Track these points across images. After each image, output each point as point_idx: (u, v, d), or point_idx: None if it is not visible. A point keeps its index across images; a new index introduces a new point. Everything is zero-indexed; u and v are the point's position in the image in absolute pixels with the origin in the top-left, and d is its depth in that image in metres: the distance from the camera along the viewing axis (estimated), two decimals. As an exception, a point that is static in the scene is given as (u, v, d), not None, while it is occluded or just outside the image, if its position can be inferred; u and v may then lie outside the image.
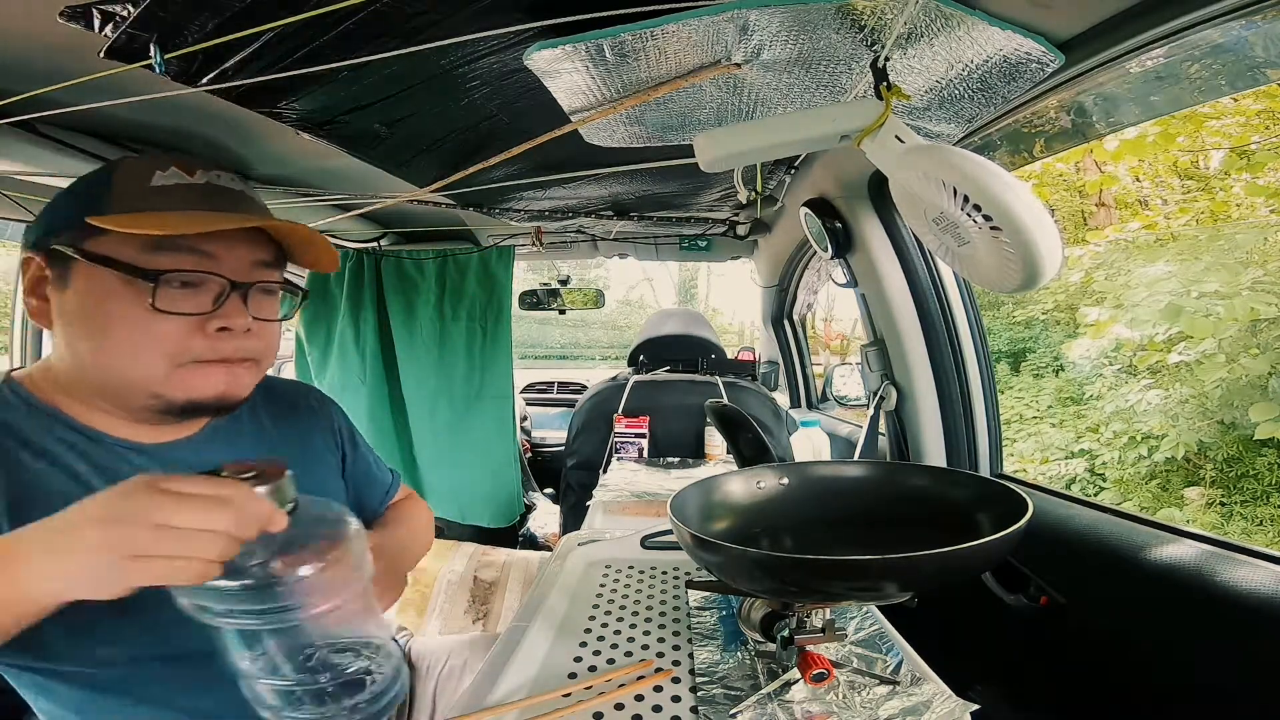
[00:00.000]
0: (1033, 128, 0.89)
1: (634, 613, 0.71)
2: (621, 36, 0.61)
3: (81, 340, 0.55)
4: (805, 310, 2.45)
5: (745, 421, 0.92)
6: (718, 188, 1.48)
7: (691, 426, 1.66)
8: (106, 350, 0.54)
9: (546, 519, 2.38)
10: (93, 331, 0.54)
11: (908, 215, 0.64)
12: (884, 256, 1.20)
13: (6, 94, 0.77)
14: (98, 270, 0.53)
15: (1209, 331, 3.52)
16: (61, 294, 0.55)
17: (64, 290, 0.55)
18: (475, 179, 1.11)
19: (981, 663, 0.98)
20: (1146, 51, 0.61)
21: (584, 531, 1.03)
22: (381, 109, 0.86)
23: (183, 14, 0.58)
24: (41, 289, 0.57)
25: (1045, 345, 5.81)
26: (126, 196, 0.55)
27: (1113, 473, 4.50)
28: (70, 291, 0.55)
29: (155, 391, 0.56)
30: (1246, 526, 3.87)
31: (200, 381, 0.57)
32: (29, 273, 0.57)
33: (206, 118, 0.98)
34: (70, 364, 0.57)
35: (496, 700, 0.55)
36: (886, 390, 1.27)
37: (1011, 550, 0.48)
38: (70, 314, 0.55)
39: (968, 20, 0.58)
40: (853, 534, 0.67)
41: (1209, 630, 0.64)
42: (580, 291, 2.70)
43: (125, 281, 0.53)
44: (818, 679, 0.52)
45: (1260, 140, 3.68)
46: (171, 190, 0.56)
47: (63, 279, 0.55)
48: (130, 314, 0.53)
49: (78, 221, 0.53)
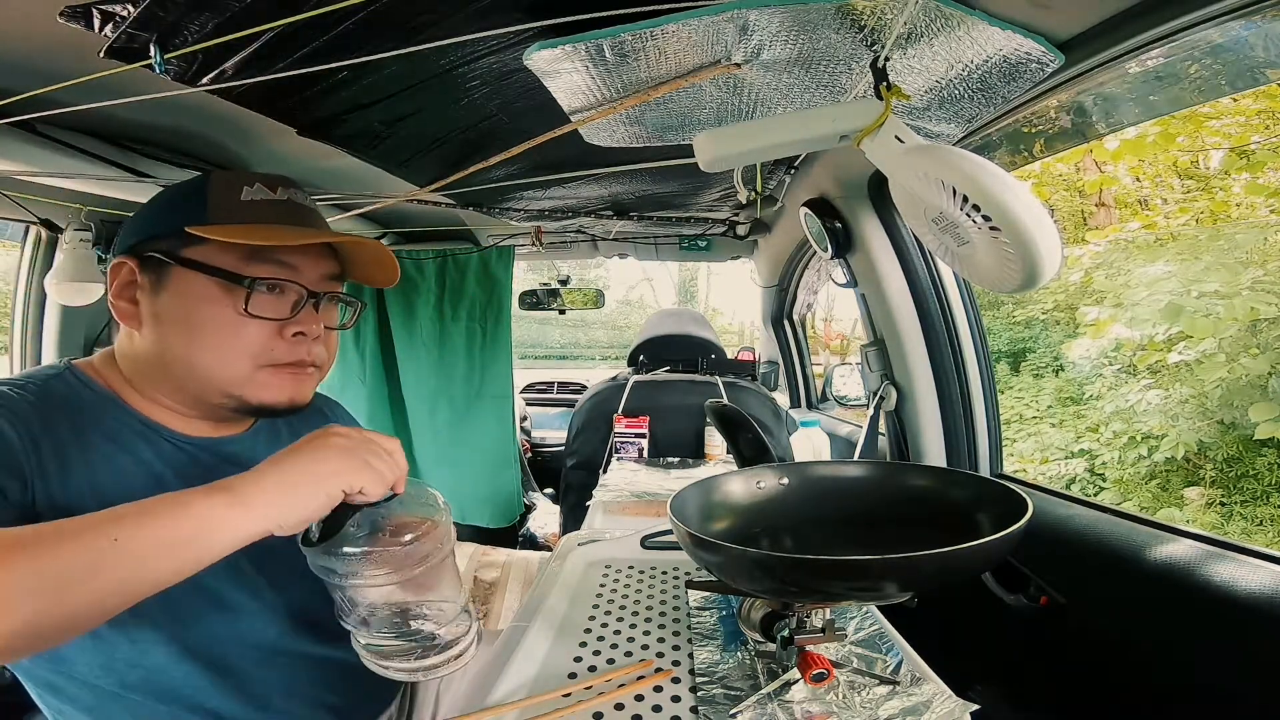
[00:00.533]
0: (1033, 128, 0.89)
1: (634, 613, 0.71)
2: (621, 36, 0.61)
3: (176, 339, 0.59)
4: (805, 310, 2.45)
5: (745, 421, 0.92)
6: (718, 188, 1.48)
7: (691, 426, 1.66)
8: (198, 349, 0.59)
9: (546, 519, 2.38)
10: (189, 332, 0.58)
11: (907, 215, 0.64)
12: (884, 256, 1.20)
13: (6, 94, 0.77)
14: (196, 276, 0.58)
15: (1209, 331, 3.52)
16: (155, 297, 0.59)
17: (159, 294, 0.59)
18: (475, 179, 1.11)
19: (981, 663, 0.98)
20: (1146, 51, 0.61)
21: (584, 531, 1.03)
22: (381, 109, 0.86)
23: (183, 14, 0.58)
24: (130, 292, 0.60)
25: (1045, 345, 5.81)
26: (222, 209, 0.60)
27: (1113, 473, 4.50)
28: (166, 295, 0.59)
29: (233, 391, 0.61)
30: (1246, 526, 3.87)
31: (276, 384, 0.62)
32: (119, 277, 0.60)
33: (206, 118, 0.98)
34: (152, 361, 0.60)
35: (496, 700, 0.55)
36: (886, 390, 1.27)
37: (1011, 550, 0.48)
38: (166, 315, 0.59)
39: (968, 20, 0.57)
40: (853, 534, 0.67)
41: (1209, 630, 0.64)
42: (580, 291, 2.70)
43: (223, 287, 0.58)
44: (818, 679, 0.52)
45: (1260, 140, 3.68)
46: (260, 205, 0.61)
47: (158, 283, 0.59)
48: (223, 316, 0.58)
49: (176, 230, 0.57)
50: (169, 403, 0.62)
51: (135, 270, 0.60)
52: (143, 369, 0.61)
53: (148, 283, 0.59)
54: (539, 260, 2.88)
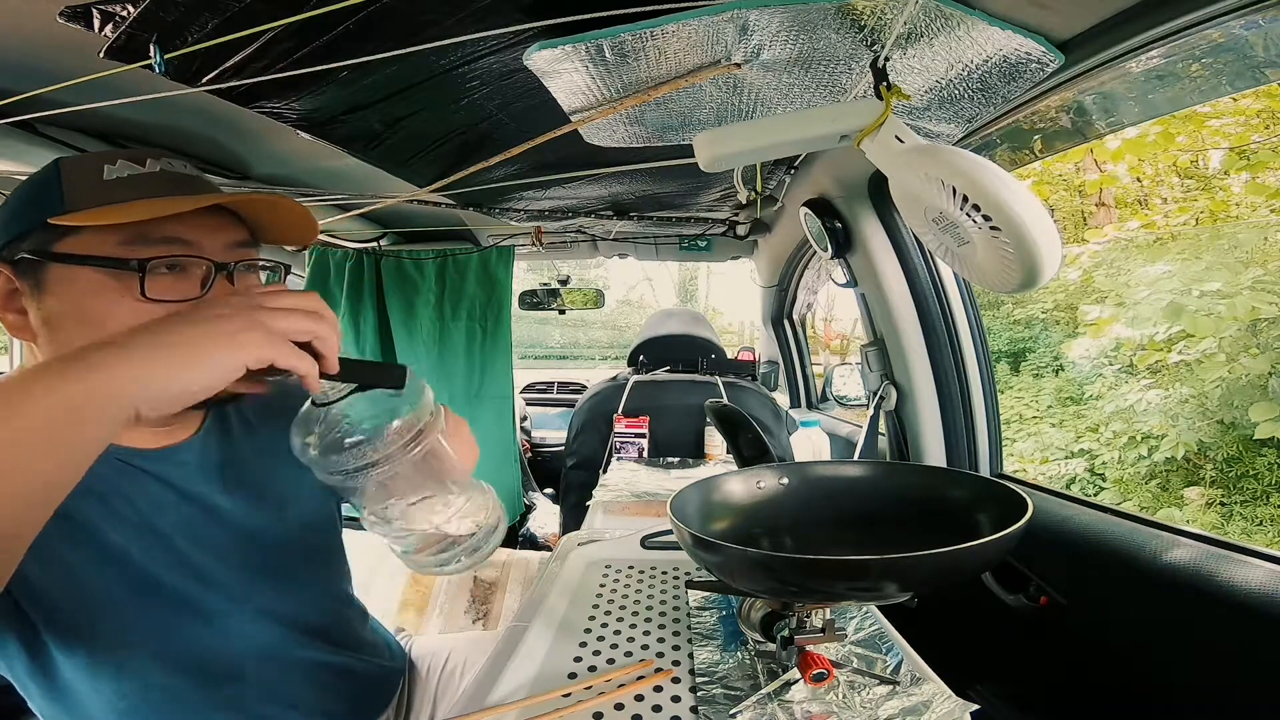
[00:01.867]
0: (1032, 127, 0.89)
1: (634, 613, 0.71)
2: (621, 36, 0.61)
3: (78, 342, 0.53)
4: (805, 310, 2.45)
5: (745, 421, 0.92)
6: (718, 188, 1.48)
7: (691, 426, 1.66)
8: None
9: (546, 519, 2.38)
10: (85, 333, 0.52)
11: (908, 215, 0.64)
12: (884, 256, 1.20)
13: (6, 94, 0.77)
14: (76, 271, 0.52)
15: (1211, 328, 3.52)
16: (40, 302, 0.53)
17: (42, 298, 0.53)
18: (475, 179, 1.11)
19: (981, 663, 0.98)
20: (1146, 51, 0.61)
21: (584, 531, 1.03)
22: (381, 109, 0.86)
23: (183, 14, 0.58)
24: (15, 303, 0.54)
25: (1045, 345, 5.82)
26: (81, 193, 0.53)
27: (1113, 473, 4.50)
28: (51, 298, 0.53)
29: None
30: (1246, 526, 3.87)
31: None
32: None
33: (206, 118, 0.98)
34: None
35: (496, 700, 0.55)
36: (886, 390, 1.27)
37: (1011, 550, 0.48)
38: (57, 320, 0.53)
39: (968, 20, 0.57)
40: (853, 534, 0.67)
41: (1209, 630, 0.64)
42: (580, 291, 2.70)
43: (111, 276, 0.52)
44: (818, 679, 0.52)
45: (1261, 140, 3.68)
46: (126, 181, 0.55)
47: (38, 287, 0.53)
48: (120, 308, 0.52)
49: (39, 226, 0.51)
50: None
51: (11, 277, 0.53)
52: None
53: (28, 288, 0.53)
54: (539, 260, 2.88)
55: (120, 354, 0.38)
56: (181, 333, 0.40)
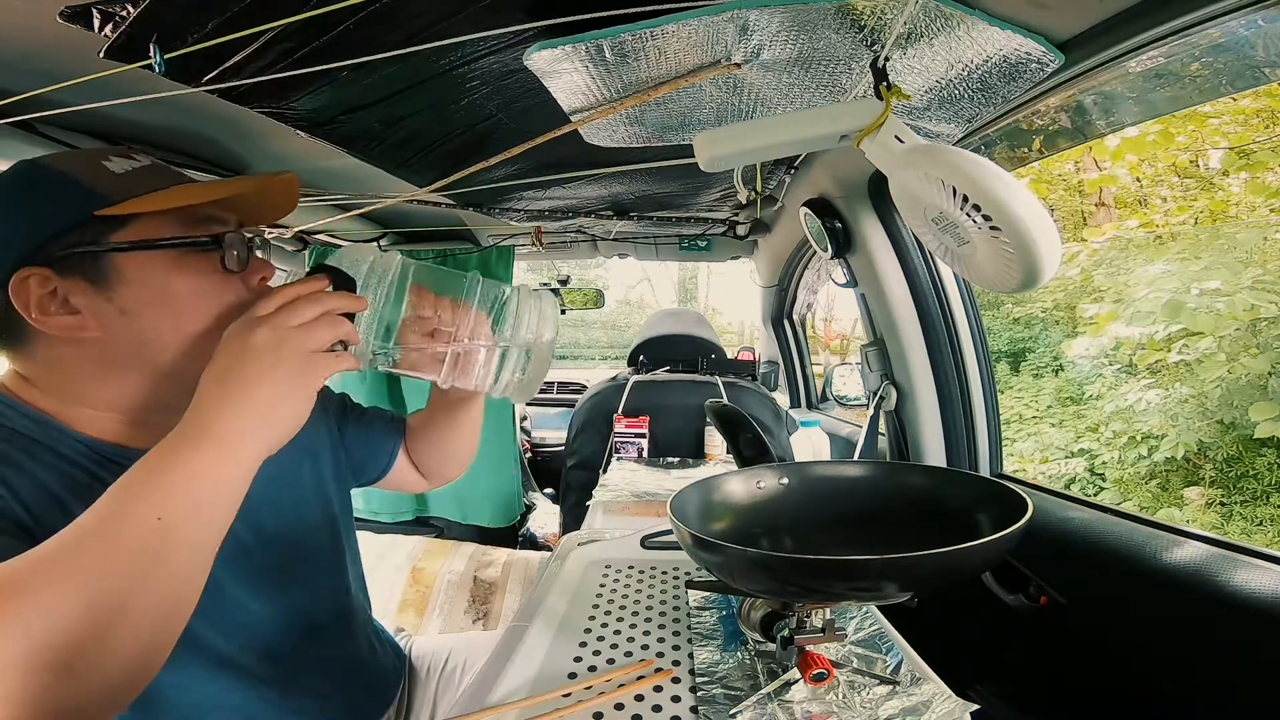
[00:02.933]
0: (1032, 127, 0.89)
1: (634, 613, 0.71)
2: (621, 37, 0.61)
3: (164, 324, 0.53)
4: (805, 310, 2.45)
5: (745, 421, 0.92)
6: (718, 188, 1.48)
7: (691, 426, 1.66)
8: (190, 324, 0.54)
9: (546, 519, 2.38)
10: (167, 315, 0.53)
11: (907, 215, 0.64)
12: (884, 256, 1.20)
13: (6, 94, 0.77)
14: (151, 257, 0.52)
15: (1212, 326, 3.52)
16: (112, 293, 0.51)
17: (115, 289, 0.51)
18: (475, 179, 1.11)
19: (981, 663, 0.98)
20: (1146, 51, 0.61)
21: (584, 531, 1.03)
22: (381, 109, 0.86)
23: (183, 14, 0.58)
24: (61, 304, 0.51)
25: (1045, 345, 5.82)
26: (112, 186, 0.52)
27: (1113, 472, 4.50)
28: (126, 287, 0.52)
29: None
30: (1246, 526, 3.87)
31: None
32: (30, 293, 0.50)
33: (207, 118, 0.98)
34: (116, 362, 0.54)
35: (496, 700, 0.55)
36: (886, 390, 1.27)
37: (1011, 550, 0.48)
38: (136, 307, 0.52)
39: (968, 20, 0.57)
40: (853, 534, 0.67)
41: (1210, 630, 0.64)
42: (580, 291, 2.70)
43: (188, 255, 0.54)
44: (818, 679, 0.52)
45: (1261, 140, 3.68)
46: (139, 173, 0.55)
47: (101, 280, 0.51)
48: (205, 283, 0.55)
49: (80, 222, 0.50)
50: (117, 414, 0.56)
51: (50, 277, 0.50)
52: (86, 377, 0.54)
53: (84, 285, 0.51)
54: (539, 260, 2.88)
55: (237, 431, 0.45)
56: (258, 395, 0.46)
